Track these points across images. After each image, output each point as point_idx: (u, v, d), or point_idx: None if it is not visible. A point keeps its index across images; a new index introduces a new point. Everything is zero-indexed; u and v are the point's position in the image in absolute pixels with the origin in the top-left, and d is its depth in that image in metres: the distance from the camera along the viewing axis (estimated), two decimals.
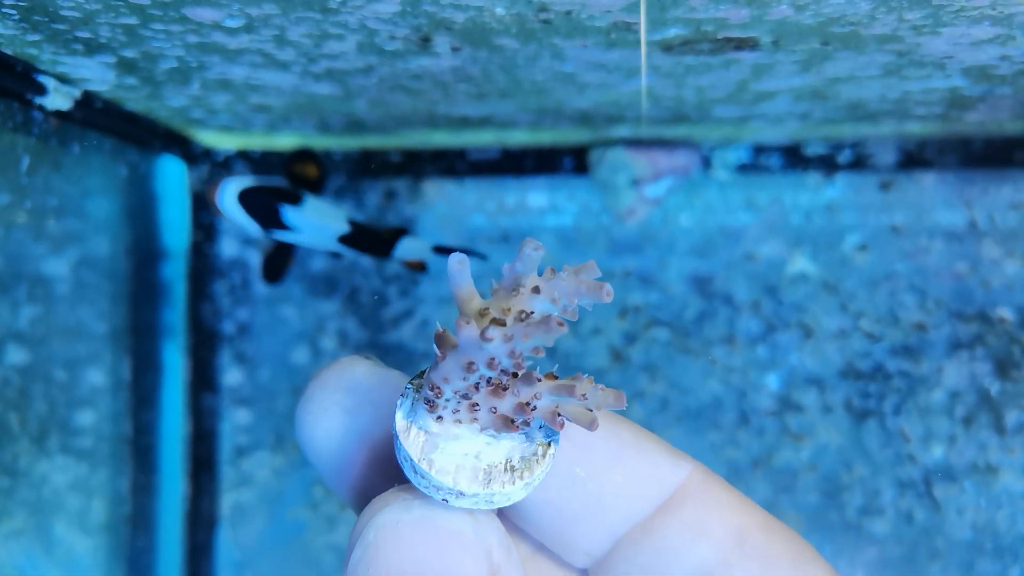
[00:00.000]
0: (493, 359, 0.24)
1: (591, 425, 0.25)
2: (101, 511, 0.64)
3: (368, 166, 0.69)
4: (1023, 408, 0.65)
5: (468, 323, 0.24)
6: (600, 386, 0.26)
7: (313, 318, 0.69)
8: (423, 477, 0.25)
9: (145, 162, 0.67)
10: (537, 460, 0.26)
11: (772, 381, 0.67)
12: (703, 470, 0.29)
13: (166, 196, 0.69)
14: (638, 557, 0.28)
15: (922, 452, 0.66)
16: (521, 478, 0.26)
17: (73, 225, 0.61)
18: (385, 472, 0.29)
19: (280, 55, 0.44)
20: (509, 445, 0.26)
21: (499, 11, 0.37)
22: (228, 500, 0.70)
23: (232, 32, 0.40)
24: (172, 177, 0.69)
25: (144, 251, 0.67)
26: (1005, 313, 0.65)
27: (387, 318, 0.69)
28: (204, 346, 0.70)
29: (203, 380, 0.70)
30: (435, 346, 0.25)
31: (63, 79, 0.49)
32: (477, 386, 0.25)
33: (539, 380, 0.25)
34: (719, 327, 0.67)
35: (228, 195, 0.55)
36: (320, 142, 0.68)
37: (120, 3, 0.37)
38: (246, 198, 0.56)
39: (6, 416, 0.55)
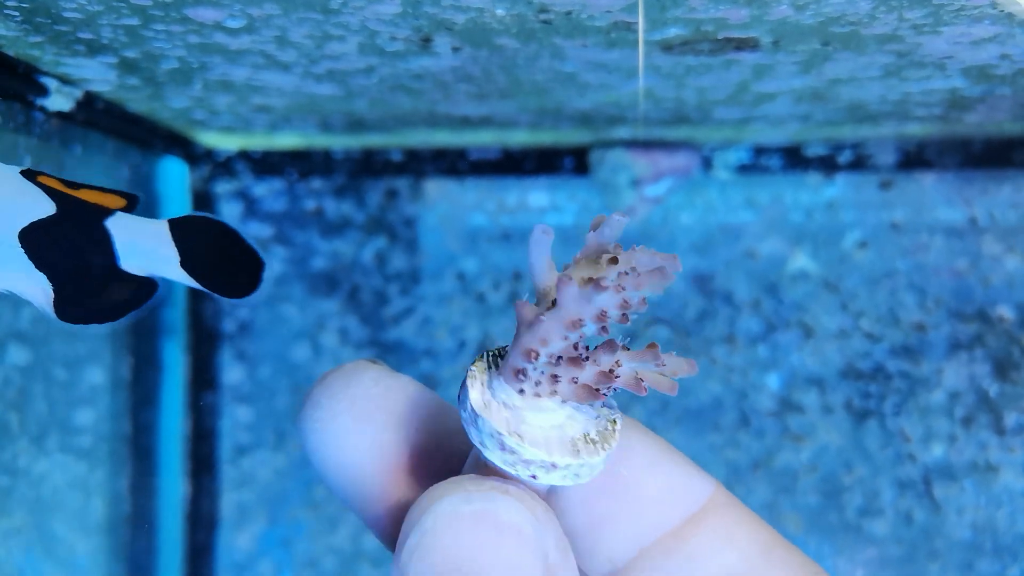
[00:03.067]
0: (604, 312, 0.24)
1: (672, 390, 0.25)
2: (101, 510, 0.64)
3: (369, 165, 0.69)
4: (1022, 410, 0.65)
5: (571, 279, 0.24)
6: (671, 353, 0.26)
7: (314, 316, 0.70)
8: (512, 452, 0.25)
9: (147, 163, 0.67)
10: (611, 433, 0.26)
11: (772, 381, 0.67)
12: (725, 489, 0.29)
13: (168, 197, 0.69)
14: (666, 564, 0.27)
15: (922, 451, 0.66)
16: (603, 449, 0.26)
17: None
18: (402, 480, 0.29)
19: (282, 56, 0.44)
20: (584, 419, 0.26)
21: (499, 12, 0.37)
22: (228, 500, 0.70)
23: (233, 33, 0.40)
24: (174, 178, 0.69)
25: None
26: (1005, 312, 0.65)
27: (388, 316, 0.70)
28: (204, 344, 0.70)
29: (203, 378, 0.70)
30: (519, 315, 0.25)
31: (65, 80, 0.49)
32: (559, 359, 0.25)
33: (623, 348, 0.25)
34: (719, 326, 0.67)
35: None
36: (321, 141, 0.68)
37: (122, 4, 0.37)
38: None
39: (6, 416, 0.55)
